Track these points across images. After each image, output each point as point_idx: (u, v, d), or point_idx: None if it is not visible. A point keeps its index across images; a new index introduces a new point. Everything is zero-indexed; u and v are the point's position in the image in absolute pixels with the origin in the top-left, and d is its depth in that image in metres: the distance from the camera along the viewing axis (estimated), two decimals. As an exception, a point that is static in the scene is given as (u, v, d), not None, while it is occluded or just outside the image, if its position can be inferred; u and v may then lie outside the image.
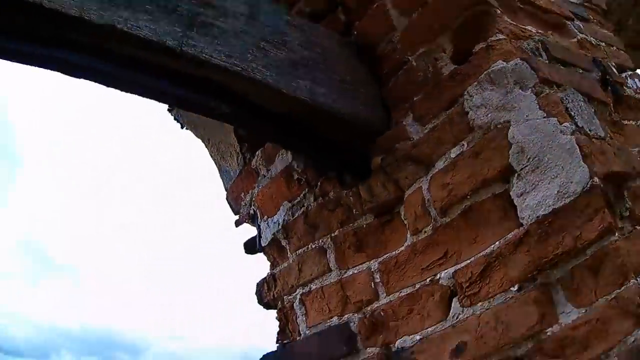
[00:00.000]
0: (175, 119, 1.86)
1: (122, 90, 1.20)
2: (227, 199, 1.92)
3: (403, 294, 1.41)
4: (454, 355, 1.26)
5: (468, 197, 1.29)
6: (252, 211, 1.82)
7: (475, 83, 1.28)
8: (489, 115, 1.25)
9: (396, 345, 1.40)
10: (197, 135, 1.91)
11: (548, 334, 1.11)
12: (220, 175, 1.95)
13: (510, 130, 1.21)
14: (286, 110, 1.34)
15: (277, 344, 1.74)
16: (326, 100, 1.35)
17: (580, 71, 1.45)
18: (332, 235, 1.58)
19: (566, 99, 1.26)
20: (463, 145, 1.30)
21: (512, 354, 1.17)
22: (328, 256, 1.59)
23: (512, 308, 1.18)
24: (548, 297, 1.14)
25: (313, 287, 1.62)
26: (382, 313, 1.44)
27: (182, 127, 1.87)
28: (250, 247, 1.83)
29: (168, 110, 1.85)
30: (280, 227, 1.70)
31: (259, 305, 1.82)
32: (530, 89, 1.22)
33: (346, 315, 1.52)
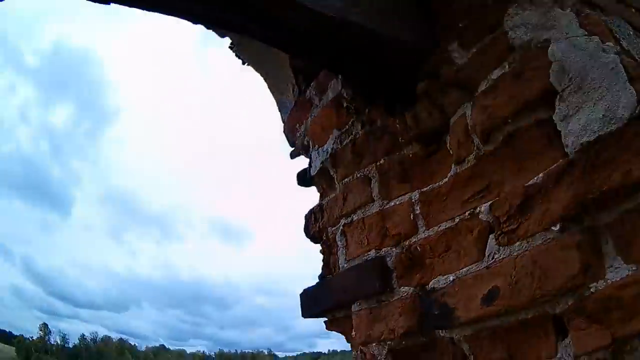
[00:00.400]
0: (236, 55, 1.91)
1: (146, 9, 1.26)
2: (284, 131, 1.96)
3: (442, 229, 1.33)
4: (485, 302, 1.17)
5: (509, 121, 1.17)
6: (306, 142, 1.82)
7: (516, 4, 1.17)
8: (529, 34, 1.14)
9: (430, 285, 1.33)
10: (257, 70, 1.94)
11: (591, 290, 0.98)
12: (279, 109, 1.98)
13: (550, 48, 1.08)
14: (312, 27, 1.30)
15: (319, 279, 1.74)
16: (361, 20, 1.28)
17: (633, 10, 1.27)
18: (378, 164, 1.54)
19: (611, 23, 1.12)
20: (505, 66, 1.19)
21: (549, 310, 1.05)
22: (372, 186, 1.56)
23: (552, 251, 1.05)
24: (595, 245, 0.99)
25: (355, 217, 1.60)
26: (419, 248, 1.38)
27: (243, 63, 1.90)
28: (302, 177, 1.85)
29: (230, 47, 1.89)
30: (328, 155, 1.69)
31: (306, 238, 1.83)
32: (569, 8, 1.09)
33: (384, 249, 1.48)
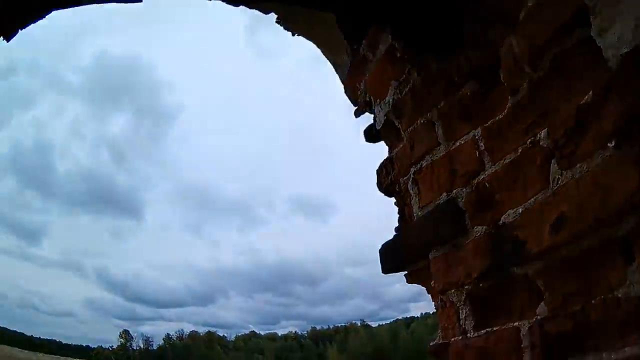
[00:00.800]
0: (285, 28, 2.02)
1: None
2: (345, 93, 2.09)
3: (507, 161, 1.41)
4: (554, 231, 1.23)
5: (552, 45, 1.23)
6: (367, 98, 1.95)
7: None
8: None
9: (501, 221, 1.41)
10: (308, 39, 2.06)
11: None
12: (336, 72, 2.10)
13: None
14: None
15: (395, 232, 1.86)
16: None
17: None
18: (439, 107, 1.64)
19: None
20: (539, -8, 1.25)
21: (615, 232, 1.10)
22: (436, 129, 1.66)
23: (610, 170, 1.10)
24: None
25: (424, 164, 1.71)
26: (487, 185, 1.47)
27: (293, 35, 2.02)
28: (369, 133, 1.98)
29: (277, 22, 2.00)
30: (390, 107, 1.81)
31: (379, 192, 1.95)
32: None
33: (454, 191, 1.57)
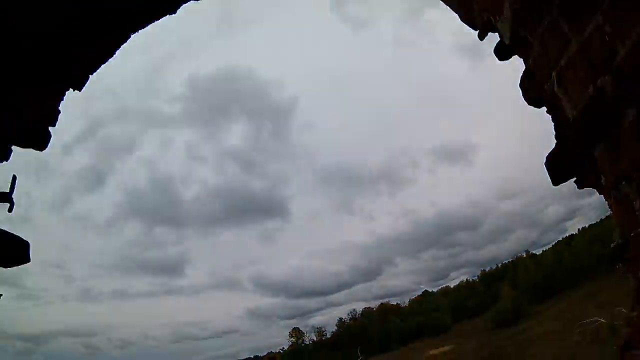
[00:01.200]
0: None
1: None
2: (461, 19, 2.16)
3: (634, 39, 1.41)
4: None
5: None
6: (485, 18, 2.02)
7: None
8: None
9: None
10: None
11: None
12: (448, 5, 2.17)
13: None
14: None
15: (555, 139, 1.90)
16: None
17: None
18: (557, 4, 1.67)
19: None
20: None
21: None
22: (562, 27, 1.69)
23: None
24: None
25: (563, 62, 1.75)
26: (625, 66, 1.47)
27: None
28: (500, 50, 2.05)
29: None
30: (512, 19, 1.87)
31: (529, 105, 2.02)
32: None
33: (599, 81, 1.60)
